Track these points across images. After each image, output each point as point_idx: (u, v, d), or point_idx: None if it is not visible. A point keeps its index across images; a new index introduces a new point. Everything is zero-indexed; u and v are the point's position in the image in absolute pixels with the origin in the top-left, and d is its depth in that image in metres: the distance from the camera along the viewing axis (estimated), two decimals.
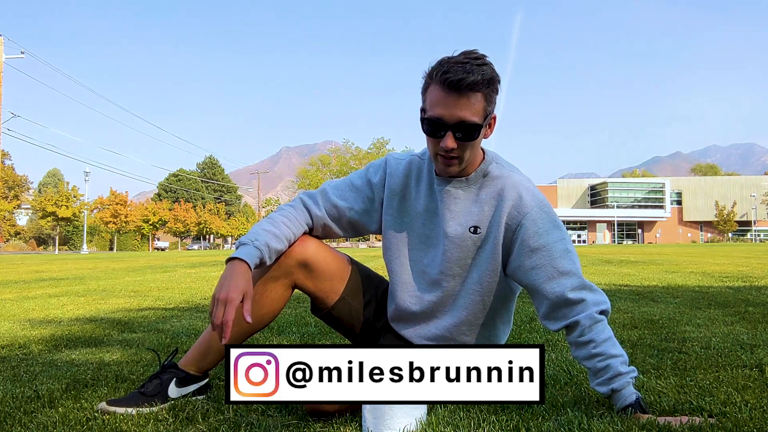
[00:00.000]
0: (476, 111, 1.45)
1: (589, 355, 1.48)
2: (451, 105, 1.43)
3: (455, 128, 1.45)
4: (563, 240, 1.55)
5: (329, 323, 1.76)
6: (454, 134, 1.45)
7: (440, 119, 1.44)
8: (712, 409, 1.49)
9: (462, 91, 1.41)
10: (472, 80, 1.40)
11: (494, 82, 1.46)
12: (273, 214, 1.66)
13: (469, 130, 1.45)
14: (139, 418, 1.48)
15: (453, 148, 1.47)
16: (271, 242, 1.54)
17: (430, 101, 1.47)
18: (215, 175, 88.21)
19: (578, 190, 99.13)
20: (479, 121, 1.45)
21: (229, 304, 1.39)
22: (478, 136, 1.48)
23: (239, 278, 1.43)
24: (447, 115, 1.44)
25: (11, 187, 58.48)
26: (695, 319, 3.29)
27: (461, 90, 1.41)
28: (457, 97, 1.42)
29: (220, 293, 1.41)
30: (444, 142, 1.46)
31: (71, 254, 32.36)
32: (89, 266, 12.82)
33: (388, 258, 1.71)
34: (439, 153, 1.50)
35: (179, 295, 5.38)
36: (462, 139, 1.46)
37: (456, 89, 1.41)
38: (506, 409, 1.50)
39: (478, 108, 1.45)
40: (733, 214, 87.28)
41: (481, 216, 1.58)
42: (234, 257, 1.48)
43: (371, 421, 1.29)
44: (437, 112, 1.45)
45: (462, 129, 1.45)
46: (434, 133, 1.48)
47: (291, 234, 1.61)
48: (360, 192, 1.71)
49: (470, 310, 1.62)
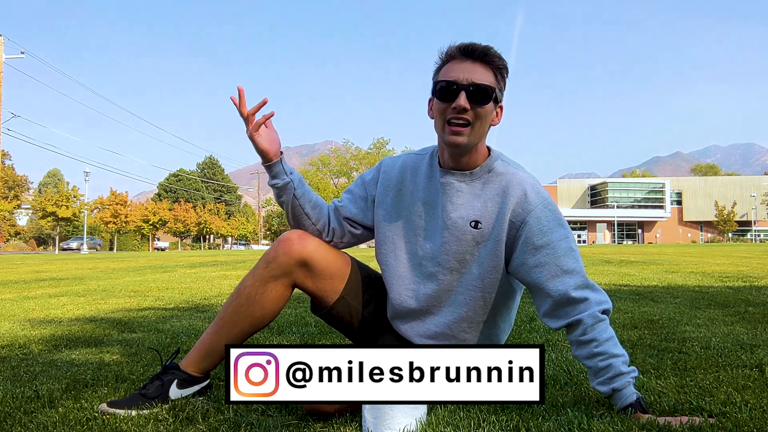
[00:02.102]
0: (488, 79, 1.52)
1: (590, 354, 1.48)
2: (466, 69, 1.51)
3: (468, 89, 1.49)
4: (567, 238, 1.55)
5: (329, 322, 1.76)
6: (467, 95, 1.49)
7: (454, 80, 1.50)
8: (712, 409, 1.49)
9: (476, 57, 1.51)
10: (485, 47, 1.52)
11: (504, 65, 1.55)
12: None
13: (482, 93, 1.50)
14: (139, 418, 1.48)
15: (466, 109, 1.49)
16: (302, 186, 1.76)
17: (443, 73, 1.54)
18: (215, 175, 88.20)
19: (578, 190, 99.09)
20: (492, 86, 1.51)
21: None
22: (489, 102, 1.51)
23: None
24: (461, 77, 1.50)
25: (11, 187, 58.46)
26: (695, 319, 3.29)
27: (475, 56, 1.51)
28: (471, 63, 1.51)
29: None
30: (457, 102, 1.49)
31: (71, 254, 32.35)
32: (89, 266, 12.82)
33: (383, 252, 1.71)
34: (450, 117, 1.52)
35: (179, 295, 5.38)
36: (474, 101, 1.50)
37: (470, 55, 1.51)
38: (506, 409, 1.50)
39: (490, 79, 1.52)
40: (733, 214, 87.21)
41: (484, 212, 1.58)
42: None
43: (371, 421, 1.30)
44: (451, 76, 1.51)
45: (475, 90, 1.49)
46: (446, 96, 1.51)
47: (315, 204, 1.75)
48: (354, 192, 1.79)
49: (471, 307, 1.62)
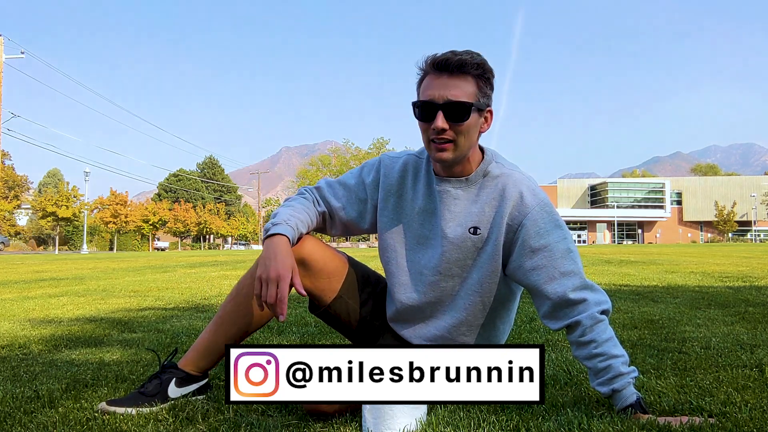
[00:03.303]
0: (466, 93, 1.46)
1: (590, 355, 1.48)
2: (441, 86, 1.46)
3: (445, 108, 1.45)
4: (565, 240, 1.55)
5: (327, 321, 1.76)
6: (444, 114, 1.45)
7: (430, 100, 1.46)
8: (712, 409, 1.49)
9: (451, 71, 1.45)
10: (459, 59, 1.44)
11: (485, 70, 1.48)
12: (291, 201, 1.69)
13: (459, 110, 1.46)
14: (139, 418, 1.48)
15: (444, 129, 1.46)
16: (300, 225, 1.58)
17: (422, 89, 1.50)
18: (215, 175, 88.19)
19: (578, 190, 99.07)
20: (470, 101, 1.46)
21: (282, 280, 1.42)
22: (468, 118, 1.47)
23: (285, 255, 1.46)
24: (436, 95, 1.46)
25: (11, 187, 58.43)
26: (695, 319, 3.29)
27: (450, 70, 1.45)
28: (447, 78, 1.45)
29: (269, 272, 1.42)
30: (435, 123, 1.46)
31: (71, 254, 32.35)
32: (89, 266, 12.81)
33: (386, 259, 1.71)
34: (431, 138, 1.50)
35: (179, 295, 5.37)
36: (452, 119, 1.46)
37: (445, 69, 1.45)
38: (506, 409, 1.49)
39: (469, 91, 1.47)
40: (733, 214, 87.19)
41: (482, 217, 1.57)
42: (273, 234, 1.50)
43: (371, 421, 1.29)
44: (427, 95, 1.47)
45: (452, 108, 1.45)
46: (425, 116, 1.48)
47: (311, 222, 1.65)
48: (353, 193, 1.72)
49: (470, 311, 1.61)
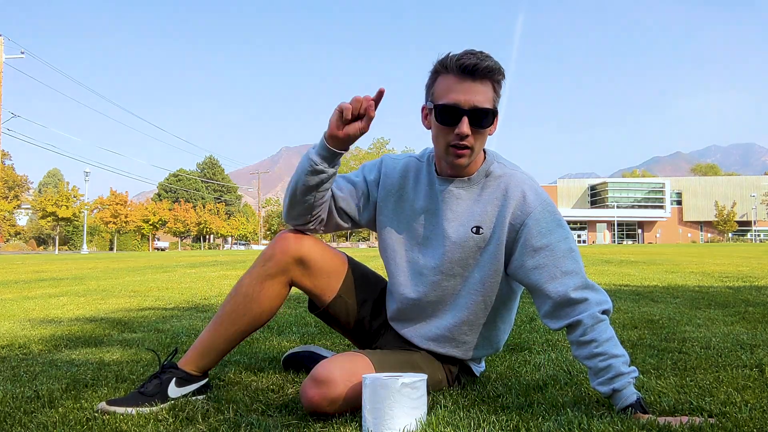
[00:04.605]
0: (489, 99, 1.47)
1: (590, 355, 1.48)
2: (467, 90, 1.45)
3: (471, 114, 1.45)
4: (566, 239, 1.55)
5: (326, 321, 1.76)
6: (470, 120, 1.45)
7: (456, 105, 1.45)
8: (712, 409, 1.49)
9: (476, 76, 1.44)
10: (486, 65, 1.44)
11: (503, 75, 1.49)
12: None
13: (484, 117, 1.46)
14: (139, 418, 1.48)
15: (467, 135, 1.46)
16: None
17: (441, 90, 1.48)
18: (215, 175, 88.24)
19: (578, 190, 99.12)
20: (491, 107, 1.47)
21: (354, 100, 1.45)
22: (492, 123, 1.49)
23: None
24: (462, 100, 1.45)
25: (11, 187, 58.45)
26: (695, 319, 3.28)
27: (476, 75, 1.44)
28: (471, 83, 1.45)
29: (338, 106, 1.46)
30: (459, 128, 1.45)
31: (71, 254, 32.35)
32: (89, 266, 12.81)
33: (385, 258, 1.71)
34: (452, 143, 1.49)
35: (179, 295, 5.37)
36: (476, 125, 1.47)
37: (471, 74, 1.44)
38: (506, 409, 1.49)
39: (490, 96, 1.47)
40: (733, 214, 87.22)
41: (484, 216, 1.57)
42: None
43: (371, 421, 1.29)
44: (452, 98, 1.45)
45: (477, 115, 1.46)
46: (448, 121, 1.47)
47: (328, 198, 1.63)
48: (355, 186, 1.69)
49: (472, 310, 1.62)
